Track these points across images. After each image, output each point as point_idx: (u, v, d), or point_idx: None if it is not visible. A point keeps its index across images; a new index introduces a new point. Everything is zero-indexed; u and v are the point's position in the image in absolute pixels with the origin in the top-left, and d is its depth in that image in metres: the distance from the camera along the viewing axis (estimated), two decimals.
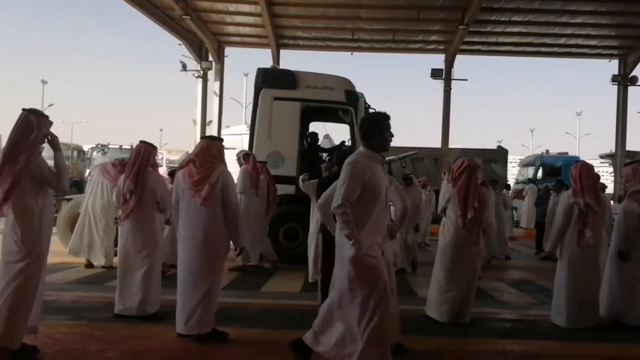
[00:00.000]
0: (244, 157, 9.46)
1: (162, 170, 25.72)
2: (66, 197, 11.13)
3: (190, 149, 25.26)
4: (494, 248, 11.79)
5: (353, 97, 10.62)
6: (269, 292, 7.79)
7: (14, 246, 4.23)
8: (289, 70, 10.99)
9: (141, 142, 6.17)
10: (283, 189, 10.37)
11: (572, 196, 6.07)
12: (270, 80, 10.73)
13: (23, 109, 4.34)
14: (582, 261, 6.05)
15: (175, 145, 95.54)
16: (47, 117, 4.42)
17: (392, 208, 4.74)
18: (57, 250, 8.80)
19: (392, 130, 4.21)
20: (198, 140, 17.51)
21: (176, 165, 29.43)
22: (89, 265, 9.18)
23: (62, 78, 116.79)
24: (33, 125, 4.27)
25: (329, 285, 5.26)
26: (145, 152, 5.94)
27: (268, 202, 9.71)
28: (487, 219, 6.76)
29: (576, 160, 24.95)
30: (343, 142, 11.68)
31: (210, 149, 5.20)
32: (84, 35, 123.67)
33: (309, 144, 11.59)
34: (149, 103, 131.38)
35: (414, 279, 9.08)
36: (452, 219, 6.13)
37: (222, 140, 5.49)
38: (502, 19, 17.00)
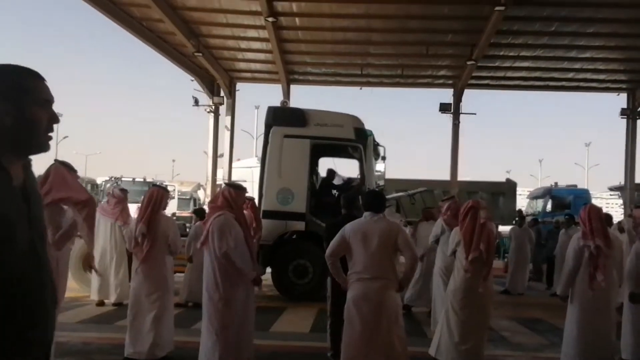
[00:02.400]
0: None
1: (173, 203, 25.86)
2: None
3: (202, 180, 25.51)
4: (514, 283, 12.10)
5: (362, 134, 10.73)
6: (279, 333, 7.77)
7: None
8: (299, 109, 11.15)
9: (154, 185, 6.29)
10: (293, 225, 10.44)
11: (581, 239, 6.05)
12: (281, 118, 10.88)
13: (56, 160, 4.58)
14: (593, 304, 5.99)
15: (187, 176, 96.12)
16: (75, 171, 4.63)
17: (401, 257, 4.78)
18: (69, 286, 8.85)
19: (402, 162, 4.42)
20: (210, 171, 17.61)
21: (189, 196, 29.61)
22: (100, 303, 9.23)
23: (76, 110, 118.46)
24: None
25: (338, 330, 5.28)
26: (158, 196, 6.02)
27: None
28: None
29: (585, 192, 24.94)
30: (350, 179, 11.71)
31: (217, 195, 5.46)
32: (99, 68, 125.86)
33: (325, 181, 11.67)
34: (162, 134, 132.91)
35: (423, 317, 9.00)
36: (461, 261, 6.13)
37: (236, 186, 5.58)
38: (511, 54, 17.13)
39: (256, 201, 10.75)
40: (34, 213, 1.69)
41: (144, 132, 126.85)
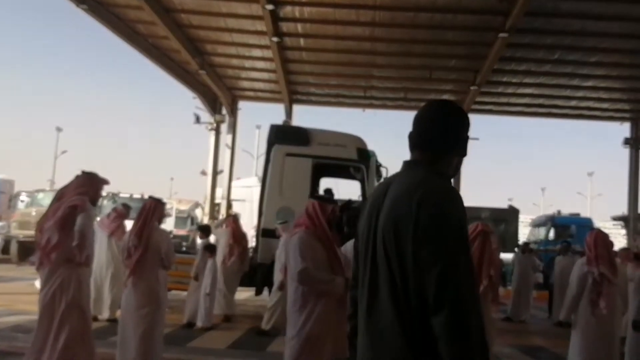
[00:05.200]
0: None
1: (171, 221, 25.75)
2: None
3: (201, 199, 25.42)
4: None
5: (365, 155, 10.68)
6: (276, 353, 7.58)
7: None
8: (302, 127, 11.12)
9: (149, 197, 6.18)
10: None
11: (586, 265, 5.94)
12: (283, 136, 10.84)
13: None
14: (596, 332, 5.86)
15: (185, 194, 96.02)
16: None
17: None
18: None
19: None
20: (209, 190, 17.58)
21: (186, 215, 29.49)
22: (94, 318, 9.05)
23: (76, 124, 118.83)
24: None
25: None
26: (151, 208, 5.88)
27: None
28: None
29: (588, 221, 24.82)
30: (350, 200, 11.62)
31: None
32: (100, 83, 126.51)
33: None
34: (161, 152, 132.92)
35: None
36: None
37: (321, 198, 5.27)
38: (514, 80, 17.19)
39: (255, 219, 10.70)
40: None
41: (142, 150, 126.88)
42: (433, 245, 1.70)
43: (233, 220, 10.72)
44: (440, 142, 1.97)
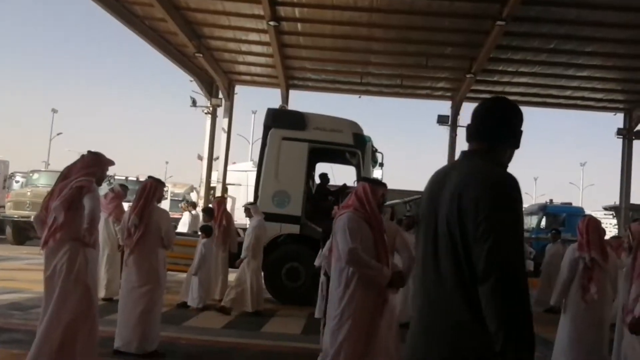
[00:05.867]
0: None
1: (166, 204, 25.82)
2: None
3: (196, 183, 25.48)
4: None
5: (361, 140, 10.73)
6: (270, 333, 7.73)
7: None
8: (298, 112, 11.16)
9: (149, 177, 6.24)
10: (287, 228, 10.39)
11: (577, 250, 6.05)
12: (280, 120, 10.88)
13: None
14: (586, 317, 5.95)
15: (180, 178, 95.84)
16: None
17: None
18: None
19: (398, 172, 4.34)
20: (204, 174, 17.64)
21: (181, 198, 29.50)
22: None
23: (71, 106, 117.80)
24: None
25: None
26: (152, 187, 5.97)
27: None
28: None
29: (580, 210, 25.02)
30: (345, 185, 11.74)
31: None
32: (95, 64, 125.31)
33: (319, 185, 11.66)
34: (156, 135, 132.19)
35: None
36: None
37: (373, 181, 4.88)
38: (509, 69, 17.23)
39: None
40: None
41: (138, 132, 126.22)
42: (489, 224, 1.89)
43: (217, 202, 10.86)
44: (497, 134, 2.16)
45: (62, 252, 4.41)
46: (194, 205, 17.94)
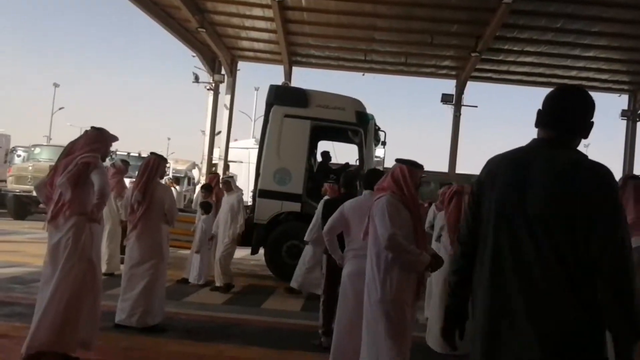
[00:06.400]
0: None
1: (166, 180, 25.91)
2: None
3: (198, 159, 25.48)
4: None
5: (364, 118, 10.66)
6: (270, 310, 7.76)
7: None
8: (301, 89, 11.07)
9: (152, 153, 6.23)
10: (288, 206, 10.39)
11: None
12: (282, 97, 10.79)
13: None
14: None
15: (182, 154, 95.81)
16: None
17: None
18: None
19: (401, 151, 4.26)
20: (206, 150, 17.62)
21: (183, 174, 29.52)
22: None
23: (73, 80, 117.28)
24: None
25: (331, 307, 5.27)
26: (155, 164, 5.99)
27: None
28: None
29: None
30: (347, 163, 11.69)
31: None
32: (97, 38, 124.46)
33: (320, 163, 11.62)
34: (158, 111, 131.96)
35: None
36: (446, 246, 6.09)
37: (412, 163, 4.39)
38: (515, 48, 17.09)
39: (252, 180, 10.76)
40: None
41: (140, 108, 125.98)
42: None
43: (210, 178, 10.98)
44: (572, 123, 2.25)
45: (67, 226, 4.40)
46: (177, 180, 18.18)
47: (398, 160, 4.23)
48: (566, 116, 2.24)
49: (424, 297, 6.17)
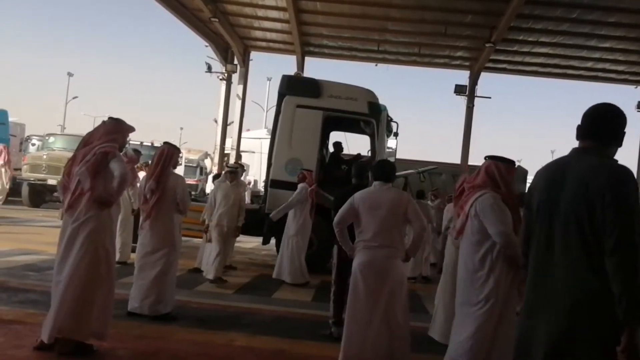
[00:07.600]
0: None
1: (180, 169, 26.04)
2: None
3: (210, 149, 25.56)
4: None
5: (376, 109, 10.62)
6: (281, 299, 7.79)
7: None
8: (314, 79, 11.04)
9: (165, 143, 6.26)
10: None
11: None
12: (295, 87, 10.78)
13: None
14: None
15: (195, 144, 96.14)
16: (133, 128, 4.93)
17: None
18: None
19: (413, 143, 4.23)
20: (219, 140, 17.63)
21: (195, 164, 29.60)
22: None
23: (87, 70, 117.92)
24: None
25: (341, 298, 5.28)
26: (169, 154, 6.03)
27: None
28: None
29: None
30: (359, 154, 11.67)
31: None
32: (111, 29, 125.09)
33: (332, 154, 11.60)
34: (171, 101, 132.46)
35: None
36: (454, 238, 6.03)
37: (506, 160, 4.36)
38: (530, 39, 16.91)
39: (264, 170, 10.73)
40: None
41: (153, 98, 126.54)
42: (617, 209, 2.35)
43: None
44: (608, 134, 2.63)
45: (84, 215, 4.44)
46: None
47: (489, 157, 4.25)
48: (598, 128, 2.62)
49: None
